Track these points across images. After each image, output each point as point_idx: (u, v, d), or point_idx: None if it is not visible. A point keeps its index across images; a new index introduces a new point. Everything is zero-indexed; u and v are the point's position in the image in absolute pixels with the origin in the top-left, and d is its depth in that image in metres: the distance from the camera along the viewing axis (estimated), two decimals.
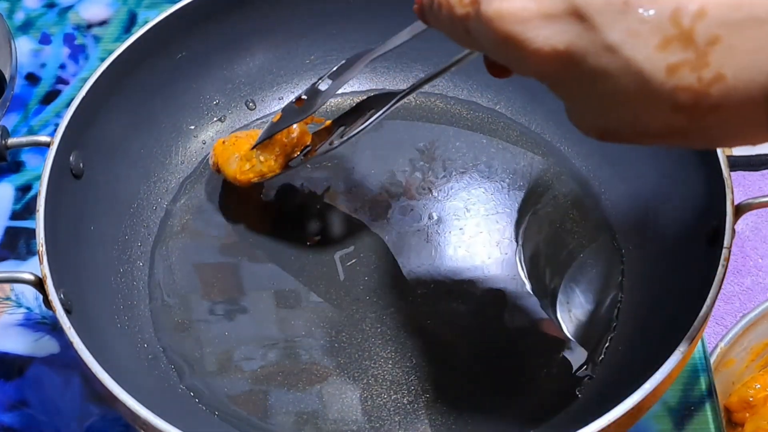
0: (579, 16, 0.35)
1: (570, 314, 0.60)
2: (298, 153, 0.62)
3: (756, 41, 0.33)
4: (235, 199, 0.66)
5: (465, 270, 0.62)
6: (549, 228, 0.64)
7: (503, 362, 0.58)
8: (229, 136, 0.65)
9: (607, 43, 0.35)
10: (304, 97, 0.59)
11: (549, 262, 0.62)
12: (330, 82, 0.58)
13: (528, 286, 0.61)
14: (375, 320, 0.60)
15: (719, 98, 0.34)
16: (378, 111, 0.58)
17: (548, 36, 0.36)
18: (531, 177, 0.66)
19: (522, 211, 0.65)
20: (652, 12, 0.34)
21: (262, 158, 0.62)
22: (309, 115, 0.59)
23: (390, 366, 0.58)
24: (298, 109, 0.60)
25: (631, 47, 0.35)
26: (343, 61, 0.58)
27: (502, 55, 0.39)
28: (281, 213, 0.66)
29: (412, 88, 0.58)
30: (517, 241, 0.63)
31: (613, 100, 0.36)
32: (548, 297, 0.60)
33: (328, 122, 0.63)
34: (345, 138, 0.59)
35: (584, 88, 0.37)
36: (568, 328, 0.59)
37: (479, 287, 0.61)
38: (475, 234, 0.64)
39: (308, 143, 0.62)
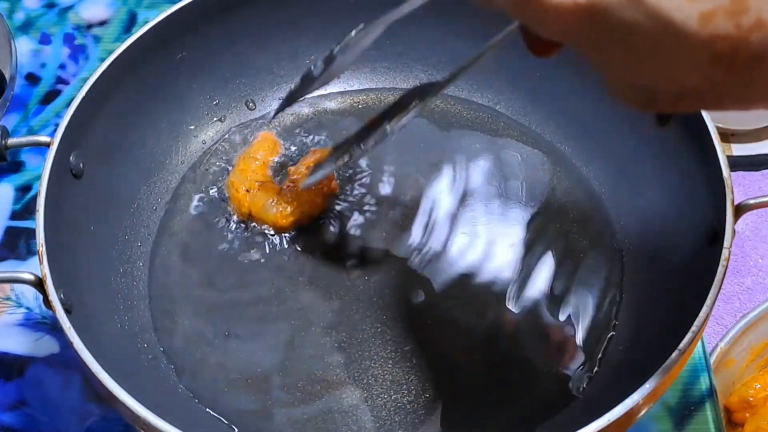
0: None
1: (570, 314, 0.60)
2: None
3: None
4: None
5: (465, 269, 0.62)
6: (549, 228, 0.64)
7: (503, 362, 0.58)
8: (249, 181, 0.64)
9: None
10: (321, 64, 0.57)
11: (549, 262, 0.62)
12: (348, 48, 0.55)
13: (528, 286, 0.61)
14: (375, 320, 0.60)
15: (761, 47, 0.32)
16: (420, 102, 0.55)
17: None
18: (531, 177, 0.66)
19: (522, 211, 0.65)
20: None
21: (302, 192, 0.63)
22: (327, 83, 0.57)
23: (390, 366, 0.58)
24: (316, 77, 0.57)
25: None
26: (361, 26, 0.55)
27: (522, 14, 0.36)
28: None
29: (452, 77, 0.54)
30: (517, 241, 0.63)
31: (645, 56, 0.34)
32: (548, 297, 0.60)
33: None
34: (393, 129, 0.56)
35: (613, 47, 0.35)
36: (568, 327, 0.59)
37: (479, 287, 0.61)
38: (474, 234, 0.64)
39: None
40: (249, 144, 0.68)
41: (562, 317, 0.59)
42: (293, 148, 0.68)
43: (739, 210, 0.54)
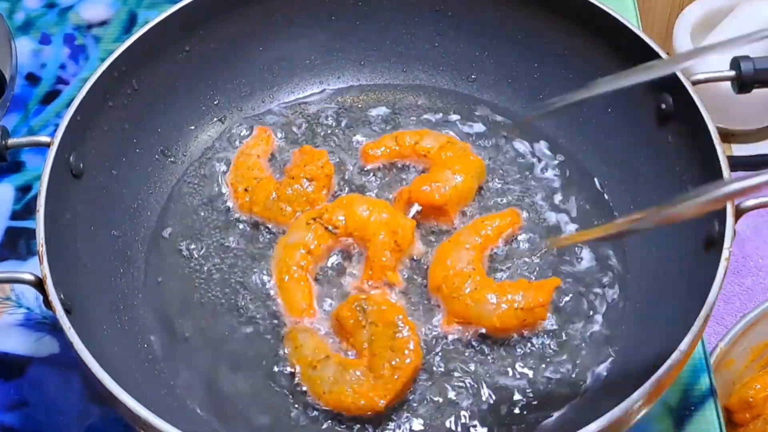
0: None
1: (572, 315, 0.59)
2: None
3: None
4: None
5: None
6: (551, 227, 0.64)
7: (504, 362, 0.58)
8: (247, 178, 0.65)
9: None
10: None
11: (551, 263, 0.62)
12: None
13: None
14: None
15: None
16: None
17: None
18: (532, 175, 0.66)
19: (523, 210, 0.65)
20: None
21: (307, 187, 0.63)
22: None
23: None
24: None
25: None
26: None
27: None
28: None
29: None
30: (518, 241, 0.63)
31: None
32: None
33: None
34: None
35: None
36: (569, 328, 0.59)
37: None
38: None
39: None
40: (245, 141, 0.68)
41: (563, 318, 0.59)
42: (291, 146, 0.68)
43: (739, 210, 0.54)
